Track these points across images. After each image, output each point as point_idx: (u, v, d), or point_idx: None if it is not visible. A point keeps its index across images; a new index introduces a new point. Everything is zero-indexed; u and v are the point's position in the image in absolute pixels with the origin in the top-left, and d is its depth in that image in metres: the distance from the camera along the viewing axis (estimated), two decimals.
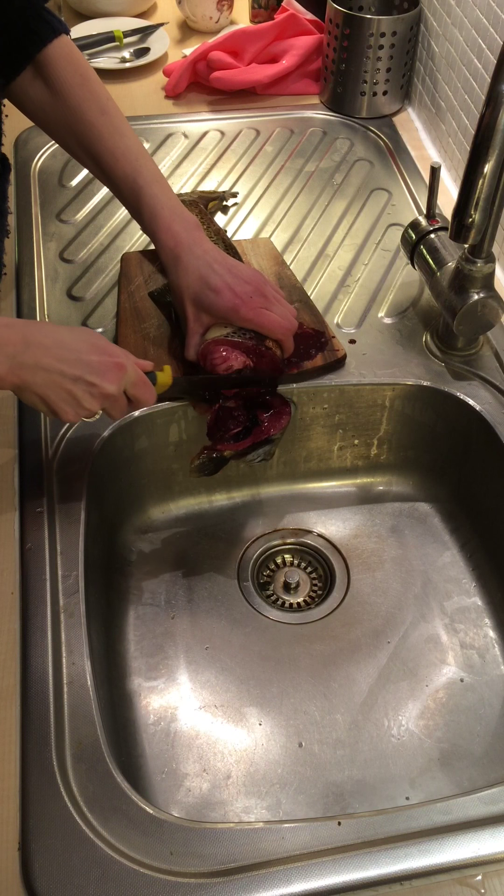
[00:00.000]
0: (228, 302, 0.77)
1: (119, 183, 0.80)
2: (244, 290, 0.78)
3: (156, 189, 0.79)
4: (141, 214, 0.80)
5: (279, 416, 0.79)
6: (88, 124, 0.79)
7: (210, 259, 0.78)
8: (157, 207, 0.79)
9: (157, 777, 0.71)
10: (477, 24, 0.97)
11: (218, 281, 0.77)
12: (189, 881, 0.53)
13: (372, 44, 1.12)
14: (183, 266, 0.78)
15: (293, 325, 0.81)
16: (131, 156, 0.79)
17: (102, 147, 0.79)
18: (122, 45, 1.31)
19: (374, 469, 0.93)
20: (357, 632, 0.81)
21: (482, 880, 0.54)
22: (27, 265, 0.95)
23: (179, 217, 0.79)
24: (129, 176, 0.79)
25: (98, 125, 0.79)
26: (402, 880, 0.54)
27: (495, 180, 0.69)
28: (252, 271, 0.80)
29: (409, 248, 0.89)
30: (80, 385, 0.64)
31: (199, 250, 0.78)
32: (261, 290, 0.79)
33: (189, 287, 0.78)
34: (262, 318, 0.78)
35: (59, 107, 0.79)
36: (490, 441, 0.81)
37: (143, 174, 0.79)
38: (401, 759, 0.72)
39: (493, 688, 0.77)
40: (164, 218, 0.79)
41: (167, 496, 0.90)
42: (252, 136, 1.17)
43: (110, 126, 0.79)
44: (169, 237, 0.79)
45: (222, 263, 0.78)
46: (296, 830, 0.56)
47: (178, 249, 0.78)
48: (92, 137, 0.79)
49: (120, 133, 0.79)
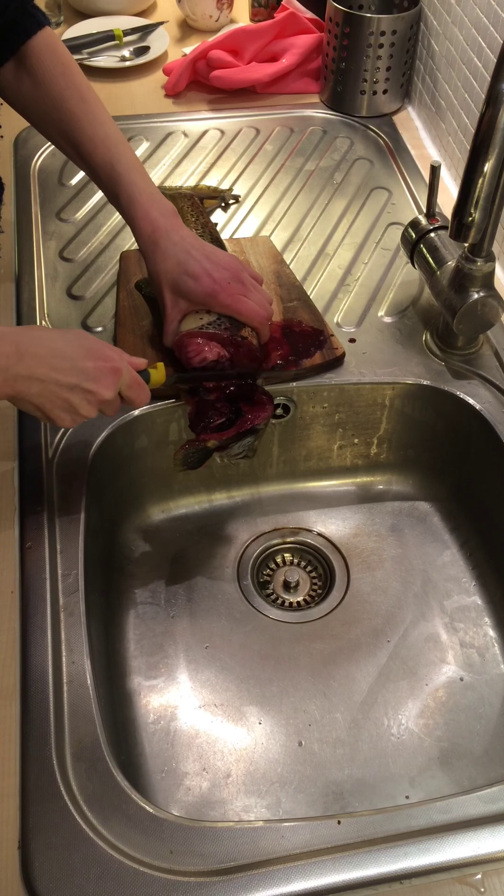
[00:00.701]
0: (207, 288, 0.77)
1: (98, 170, 0.81)
2: (222, 275, 0.78)
3: (134, 176, 0.80)
4: (119, 201, 0.81)
5: (262, 407, 0.79)
6: (69, 112, 0.80)
7: (188, 245, 0.79)
8: (135, 194, 0.79)
9: (156, 776, 0.71)
10: (477, 23, 0.97)
11: (196, 267, 0.78)
12: (189, 880, 0.53)
13: (372, 42, 1.12)
14: (161, 252, 0.78)
15: (269, 313, 0.82)
16: (110, 143, 0.80)
17: (82, 135, 0.80)
18: (121, 44, 1.31)
19: (374, 468, 0.93)
20: (357, 631, 0.81)
21: (482, 879, 0.54)
22: (27, 264, 0.95)
23: (157, 204, 0.80)
24: (108, 163, 0.80)
25: (78, 113, 0.80)
26: (402, 879, 0.54)
27: (495, 179, 0.69)
28: (229, 257, 0.81)
29: (408, 247, 0.89)
30: (76, 393, 0.64)
31: (177, 236, 0.79)
32: (238, 276, 0.80)
33: (167, 273, 0.79)
34: (239, 305, 0.79)
35: (41, 96, 0.80)
36: (490, 440, 0.81)
37: (122, 161, 0.80)
38: (400, 758, 0.72)
39: (492, 687, 0.77)
40: (141, 204, 0.79)
41: (167, 495, 0.90)
42: (252, 134, 1.17)
43: (90, 114, 0.80)
44: (146, 223, 0.79)
45: (200, 249, 0.79)
46: (295, 829, 0.56)
47: (156, 235, 0.79)
48: (72, 125, 0.80)
49: (100, 121, 0.80)
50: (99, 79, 1.26)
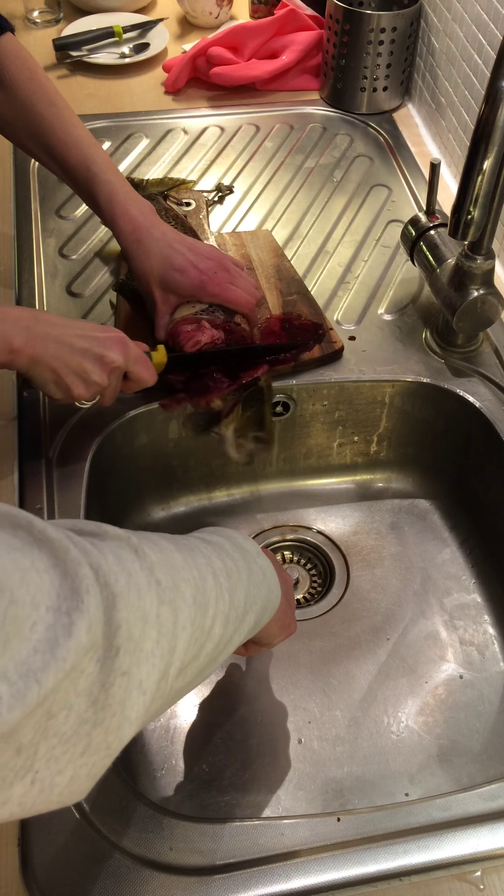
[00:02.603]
0: (194, 279, 0.79)
1: (73, 171, 0.81)
2: (207, 266, 0.80)
3: (110, 176, 0.81)
4: (97, 201, 0.81)
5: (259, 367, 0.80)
6: (39, 116, 0.80)
7: (170, 239, 0.80)
8: (112, 193, 0.80)
9: (156, 773, 0.71)
10: (477, 20, 0.97)
11: (181, 260, 0.79)
12: (188, 877, 0.53)
13: (372, 39, 1.12)
14: (144, 249, 0.79)
15: (257, 298, 0.83)
16: (83, 145, 0.81)
17: (54, 137, 0.81)
18: (121, 41, 1.31)
19: (374, 466, 0.93)
20: (356, 628, 0.81)
21: (481, 876, 0.54)
22: (26, 262, 0.95)
23: (135, 202, 0.81)
24: (83, 164, 0.80)
25: (49, 116, 0.80)
26: (402, 876, 0.54)
27: (494, 177, 0.68)
28: (211, 247, 0.83)
29: (408, 245, 0.89)
30: (88, 357, 0.67)
31: (158, 232, 0.80)
32: (223, 264, 0.81)
33: (153, 270, 0.79)
34: (228, 294, 0.80)
35: (9, 101, 0.81)
36: (490, 438, 0.81)
37: (97, 161, 0.81)
38: (400, 756, 0.73)
39: (492, 684, 0.77)
40: (120, 203, 0.80)
41: (167, 493, 0.90)
42: (252, 131, 1.17)
43: (61, 117, 0.81)
44: (126, 221, 0.80)
45: (182, 242, 0.80)
46: (295, 826, 0.56)
47: (138, 233, 0.79)
48: (43, 129, 0.81)
49: (71, 124, 0.81)
50: (98, 76, 1.26)
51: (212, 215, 1.03)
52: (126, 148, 1.13)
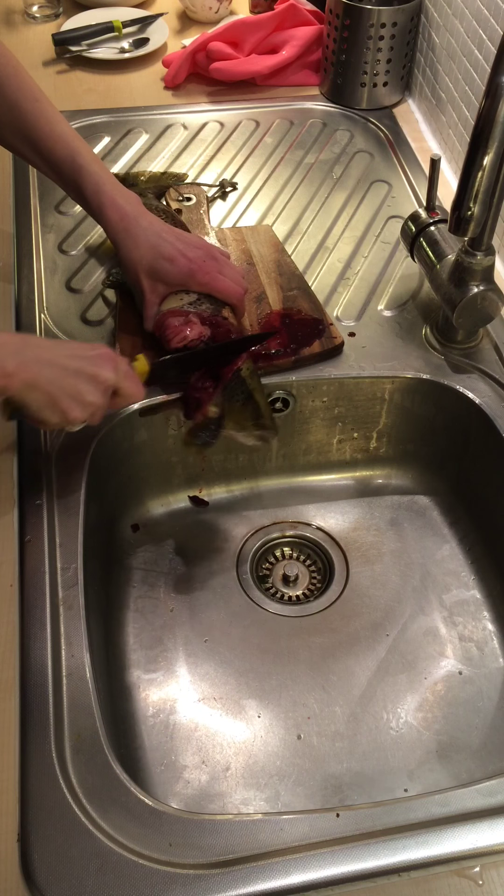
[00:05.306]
0: (183, 268, 0.79)
1: (59, 165, 0.82)
2: (196, 254, 0.80)
3: (96, 167, 0.81)
4: (83, 193, 0.81)
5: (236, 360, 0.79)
6: (24, 112, 0.81)
7: (158, 229, 0.80)
8: (99, 184, 0.81)
9: (156, 769, 0.71)
10: (478, 15, 0.96)
11: (170, 249, 0.79)
12: (188, 872, 0.53)
13: (372, 34, 1.12)
14: (132, 239, 0.80)
15: (245, 287, 0.84)
16: (68, 138, 0.82)
17: (39, 132, 0.81)
18: (121, 36, 1.30)
19: (374, 462, 0.93)
20: (356, 625, 0.81)
21: (480, 872, 0.55)
22: (26, 257, 0.95)
23: (121, 193, 0.81)
24: (69, 157, 0.81)
25: (34, 112, 0.81)
26: (401, 872, 0.54)
27: (495, 172, 0.68)
28: (198, 237, 0.83)
29: (408, 241, 0.89)
30: (81, 378, 0.66)
31: (146, 222, 0.80)
32: (211, 253, 0.81)
33: (142, 259, 0.80)
34: (217, 283, 0.80)
35: None
36: (489, 434, 0.81)
37: (83, 154, 0.81)
38: (399, 752, 0.73)
39: (491, 680, 0.77)
40: (107, 193, 0.80)
41: (166, 489, 0.90)
42: (251, 127, 1.16)
43: (45, 113, 0.82)
44: (114, 212, 0.80)
45: (170, 232, 0.81)
46: (294, 822, 0.56)
47: (126, 222, 0.80)
48: (28, 124, 0.81)
49: (56, 119, 0.82)
50: (98, 70, 1.26)
51: (212, 210, 1.03)
52: (126, 143, 1.12)
